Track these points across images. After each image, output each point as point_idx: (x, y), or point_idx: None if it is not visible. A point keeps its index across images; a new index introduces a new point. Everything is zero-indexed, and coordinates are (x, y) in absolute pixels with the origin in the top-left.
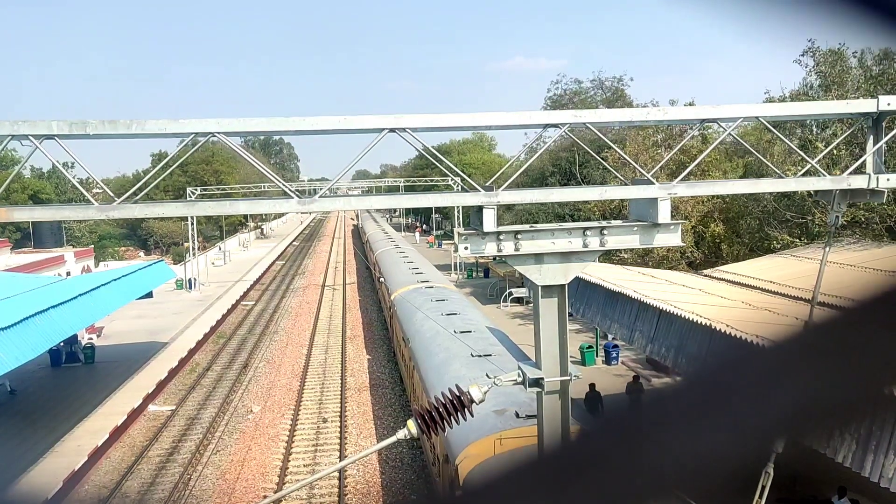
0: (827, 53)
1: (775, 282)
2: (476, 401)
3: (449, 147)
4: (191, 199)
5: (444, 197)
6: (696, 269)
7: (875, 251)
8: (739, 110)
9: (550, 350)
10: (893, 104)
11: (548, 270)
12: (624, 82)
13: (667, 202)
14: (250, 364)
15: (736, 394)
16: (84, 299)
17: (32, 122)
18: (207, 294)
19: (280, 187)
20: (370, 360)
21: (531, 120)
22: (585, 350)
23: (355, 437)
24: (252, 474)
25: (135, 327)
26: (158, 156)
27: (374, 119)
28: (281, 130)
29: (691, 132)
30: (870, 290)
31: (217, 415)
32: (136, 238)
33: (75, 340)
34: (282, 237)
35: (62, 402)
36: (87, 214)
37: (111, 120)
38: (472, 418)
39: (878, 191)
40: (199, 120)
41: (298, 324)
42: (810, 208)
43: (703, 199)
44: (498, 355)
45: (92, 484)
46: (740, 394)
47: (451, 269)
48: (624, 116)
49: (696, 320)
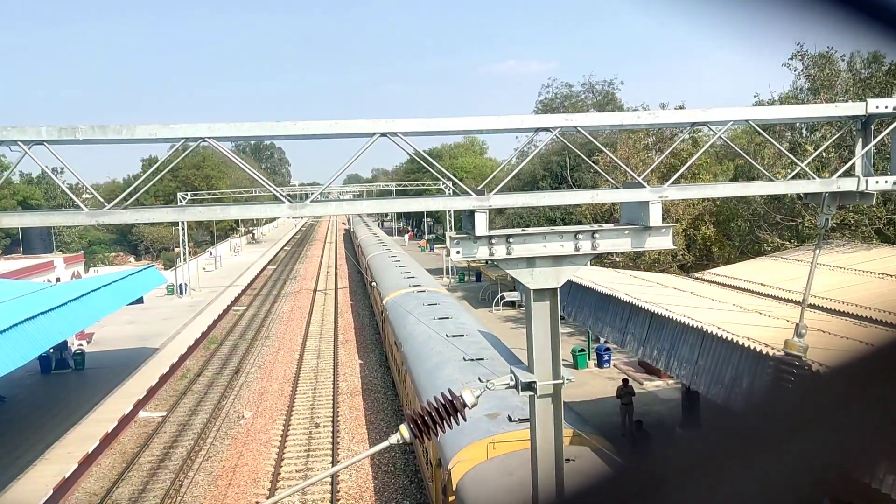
0: (816, 57)
1: (766, 284)
2: (468, 405)
3: (440, 151)
4: (181, 205)
5: (436, 201)
6: (688, 272)
7: (865, 253)
8: (729, 113)
9: (543, 353)
10: (882, 107)
11: (540, 274)
12: (615, 86)
13: (658, 205)
14: (242, 369)
15: (792, 426)
16: (74, 305)
17: (21, 127)
18: (198, 299)
19: (271, 192)
20: (362, 364)
21: (522, 124)
22: (578, 353)
23: (347, 442)
24: (244, 480)
25: (125, 333)
26: (149, 161)
27: (366, 123)
28: (272, 135)
29: (682, 135)
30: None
31: (208, 420)
32: (127, 243)
33: (65, 347)
34: (273, 242)
35: (52, 409)
36: (77, 220)
37: (101, 125)
38: (464, 422)
39: (868, 193)
40: (189, 125)
41: (290, 329)
42: (800, 211)
43: (694, 202)
44: (490, 359)
45: (82, 491)
46: (796, 426)
47: (443, 273)
48: (615, 120)
49: (688, 323)
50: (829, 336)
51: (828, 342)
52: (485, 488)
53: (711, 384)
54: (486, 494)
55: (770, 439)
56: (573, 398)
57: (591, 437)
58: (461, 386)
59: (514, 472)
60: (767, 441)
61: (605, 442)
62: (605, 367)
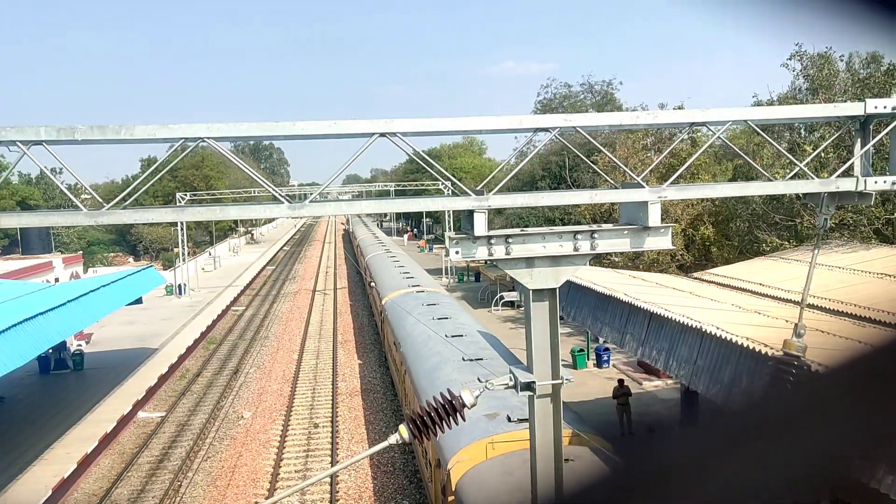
0: (814, 57)
1: (765, 284)
2: (468, 405)
3: (439, 151)
4: (180, 205)
5: (435, 201)
6: (687, 272)
7: (863, 253)
8: (728, 114)
9: (542, 353)
10: (881, 107)
11: (539, 274)
12: (613, 86)
13: (657, 205)
14: (241, 370)
15: (791, 426)
16: (72, 305)
17: (20, 127)
18: (197, 300)
19: (270, 192)
20: (361, 364)
21: (521, 124)
22: (577, 353)
23: (347, 443)
24: (243, 480)
25: (124, 333)
26: (148, 161)
27: (365, 124)
28: (271, 135)
29: (681, 136)
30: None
31: (208, 421)
32: (126, 244)
33: (64, 347)
34: (272, 242)
35: (51, 410)
36: (76, 220)
37: (99, 125)
38: (463, 422)
39: (866, 193)
40: (188, 125)
41: (289, 329)
42: (799, 211)
43: (693, 202)
44: (489, 359)
45: (81, 492)
46: (796, 425)
47: (443, 274)
48: (614, 120)
49: (687, 323)
50: (827, 336)
51: (826, 342)
52: (484, 488)
53: (710, 384)
54: (486, 494)
55: (769, 438)
56: (572, 398)
57: (590, 436)
58: (460, 386)
59: (514, 471)
60: (767, 440)
61: (604, 442)
62: (604, 367)
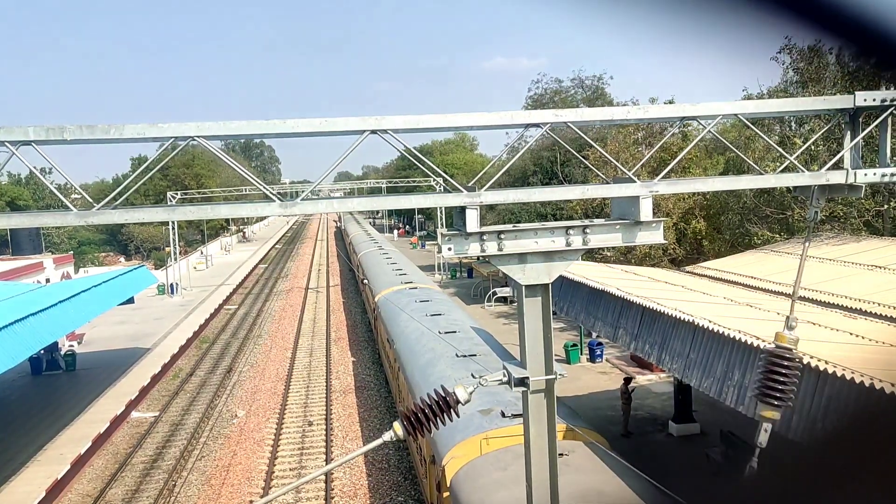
0: (804, 51)
1: (756, 277)
2: (462, 401)
3: (431, 148)
4: (171, 204)
5: (427, 198)
6: (679, 266)
7: (854, 245)
8: (719, 108)
9: (535, 349)
10: (870, 100)
11: (531, 270)
12: (604, 81)
13: (648, 200)
14: (234, 368)
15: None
16: (64, 306)
17: (8, 127)
18: (190, 299)
19: (261, 190)
20: (355, 362)
21: (512, 120)
22: (570, 348)
23: (341, 440)
24: (238, 479)
25: (116, 333)
26: (138, 160)
27: (356, 121)
28: (261, 133)
29: (672, 130)
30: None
31: (201, 420)
32: (117, 243)
33: (56, 348)
34: (264, 240)
35: (43, 411)
36: (66, 221)
37: (89, 125)
38: (457, 419)
39: (856, 185)
40: (178, 124)
41: (282, 327)
42: (790, 204)
43: (685, 196)
44: (483, 355)
45: (75, 493)
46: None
47: (435, 270)
48: (605, 115)
49: (679, 316)
50: (819, 328)
51: (818, 334)
52: (479, 484)
53: (703, 377)
54: (480, 490)
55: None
56: (566, 393)
57: (584, 431)
58: (454, 382)
59: (508, 467)
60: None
61: (598, 436)
62: (597, 361)
